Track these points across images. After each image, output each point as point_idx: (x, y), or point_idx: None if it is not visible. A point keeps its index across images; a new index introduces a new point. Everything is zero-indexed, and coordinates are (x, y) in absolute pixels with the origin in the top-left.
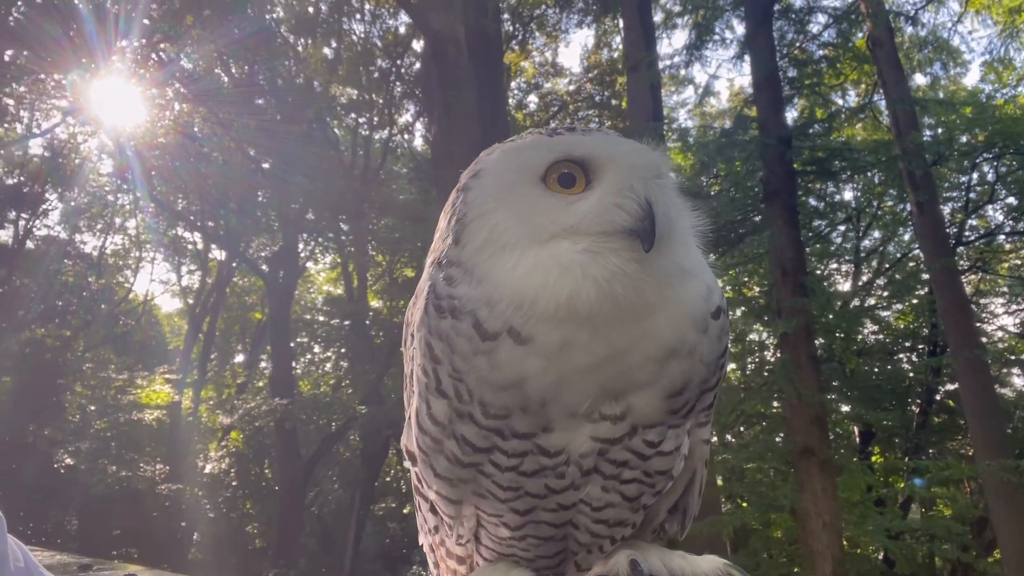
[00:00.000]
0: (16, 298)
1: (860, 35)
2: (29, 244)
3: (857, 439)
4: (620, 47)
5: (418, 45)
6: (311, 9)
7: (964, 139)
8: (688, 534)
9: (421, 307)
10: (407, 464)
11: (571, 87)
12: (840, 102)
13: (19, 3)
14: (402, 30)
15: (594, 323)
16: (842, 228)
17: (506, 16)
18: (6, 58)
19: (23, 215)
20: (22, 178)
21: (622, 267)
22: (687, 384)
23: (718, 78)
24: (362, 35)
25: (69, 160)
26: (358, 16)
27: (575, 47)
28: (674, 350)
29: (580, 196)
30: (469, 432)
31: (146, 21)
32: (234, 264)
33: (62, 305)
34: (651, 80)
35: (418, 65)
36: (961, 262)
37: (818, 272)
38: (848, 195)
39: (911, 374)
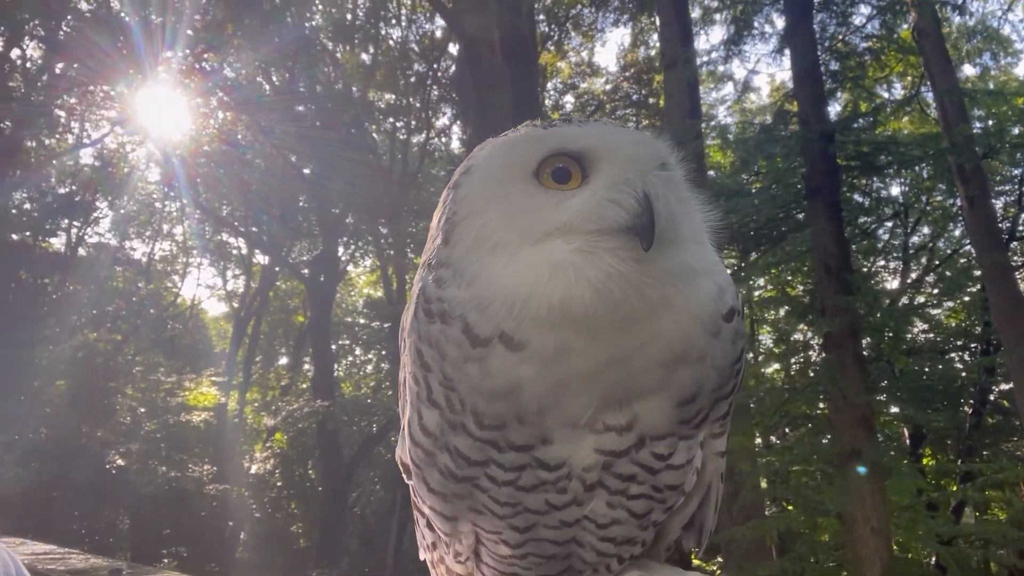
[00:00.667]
0: (69, 304)
1: (905, 26)
2: (81, 251)
3: (907, 441)
4: (657, 45)
5: (454, 49)
6: (348, 16)
7: (1016, 131)
8: (730, 538)
9: (411, 312)
10: (405, 478)
11: (607, 86)
12: (885, 95)
13: (69, 17)
14: (438, 34)
15: (592, 327)
16: (889, 224)
17: (541, 17)
18: (57, 71)
19: (75, 223)
20: (74, 187)
21: (618, 267)
22: (698, 391)
23: (757, 73)
24: (399, 40)
25: (118, 169)
26: (394, 21)
27: (611, 46)
28: (682, 355)
29: (575, 192)
30: (463, 444)
31: (190, 32)
32: (277, 268)
33: (112, 310)
34: (688, 77)
35: (454, 68)
36: (1015, 258)
37: (864, 270)
38: (895, 190)
39: (963, 374)
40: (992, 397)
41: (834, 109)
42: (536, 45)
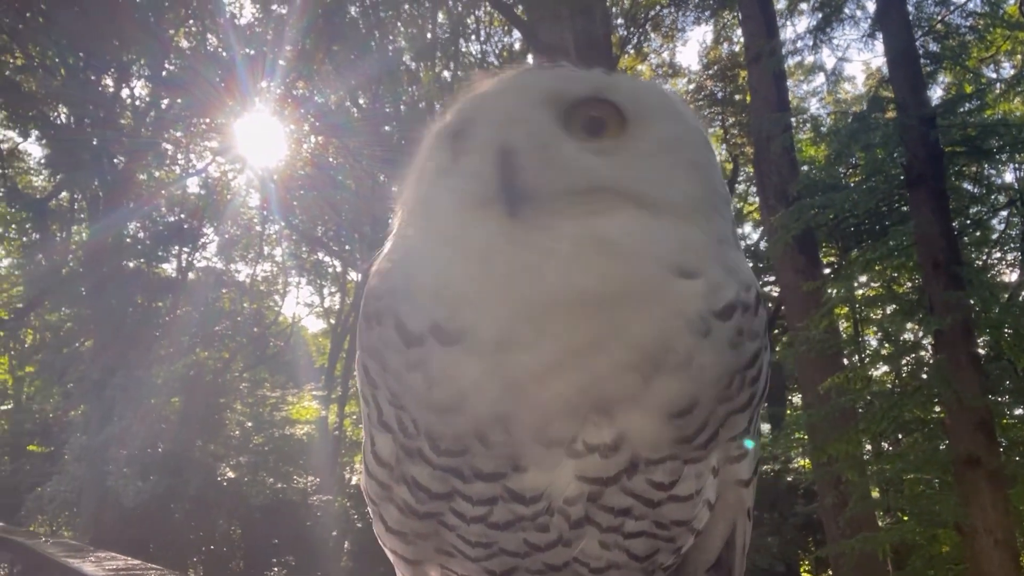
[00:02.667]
0: (180, 325)
1: (1012, 1)
2: (190, 275)
3: None
4: (740, 40)
5: (533, 59)
6: (429, 35)
7: None
8: (839, 552)
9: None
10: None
11: (691, 86)
12: (992, 75)
13: (172, 56)
14: (516, 46)
15: (531, 313)
16: (1004, 214)
17: (620, 21)
18: (163, 106)
19: (184, 249)
20: (182, 215)
21: (492, 240)
22: (693, 402)
23: (849, 61)
24: (478, 55)
25: (221, 196)
26: (473, 37)
27: (692, 44)
28: (656, 359)
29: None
30: (421, 474)
31: (282, 63)
32: None
33: (220, 330)
34: (774, 68)
35: None
36: None
37: (978, 263)
38: (1009, 176)
39: None
40: None
41: (935, 94)
42: (612, 49)
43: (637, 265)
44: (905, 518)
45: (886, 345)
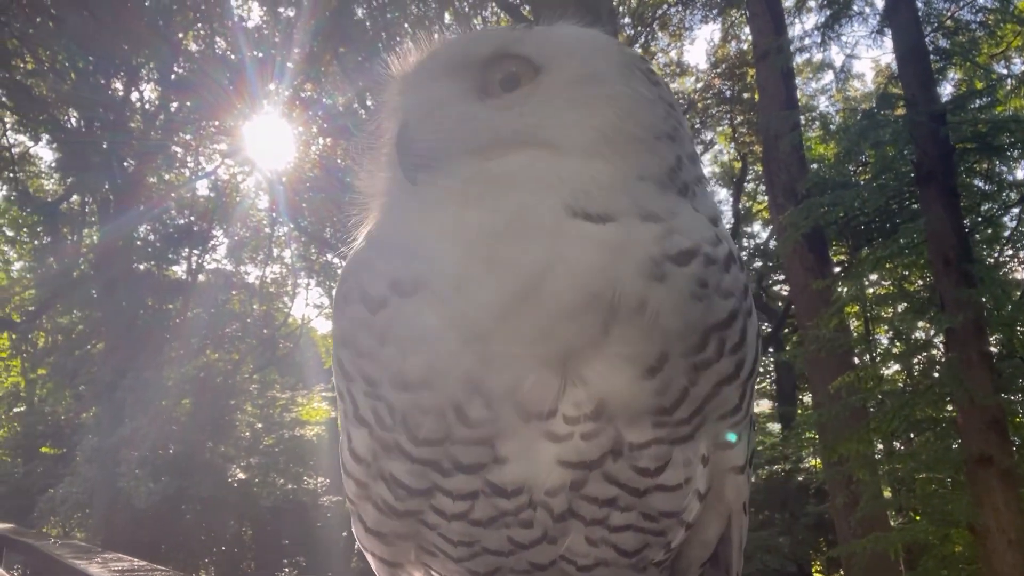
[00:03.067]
0: (190, 327)
1: None
2: (200, 277)
3: None
4: (749, 38)
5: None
6: (436, 36)
7: None
8: (850, 552)
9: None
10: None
11: (699, 84)
12: (1003, 71)
13: (180, 59)
14: None
15: (474, 252)
16: (1016, 211)
17: (627, 20)
18: (172, 109)
19: (194, 251)
20: (192, 217)
21: (401, 183)
22: (661, 357)
23: (858, 58)
24: None
25: (231, 198)
26: None
27: (700, 43)
28: (603, 296)
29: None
30: (400, 469)
31: (290, 65)
32: None
33: (230, 332)
34: (782, 65)
35: None
36: None
37: (989, 261)
38: (1021, 173)
39: None
40: None
41: (945, 90)
42: None
43: (527, 198)
44: (917, 518)
45: (897, 343)
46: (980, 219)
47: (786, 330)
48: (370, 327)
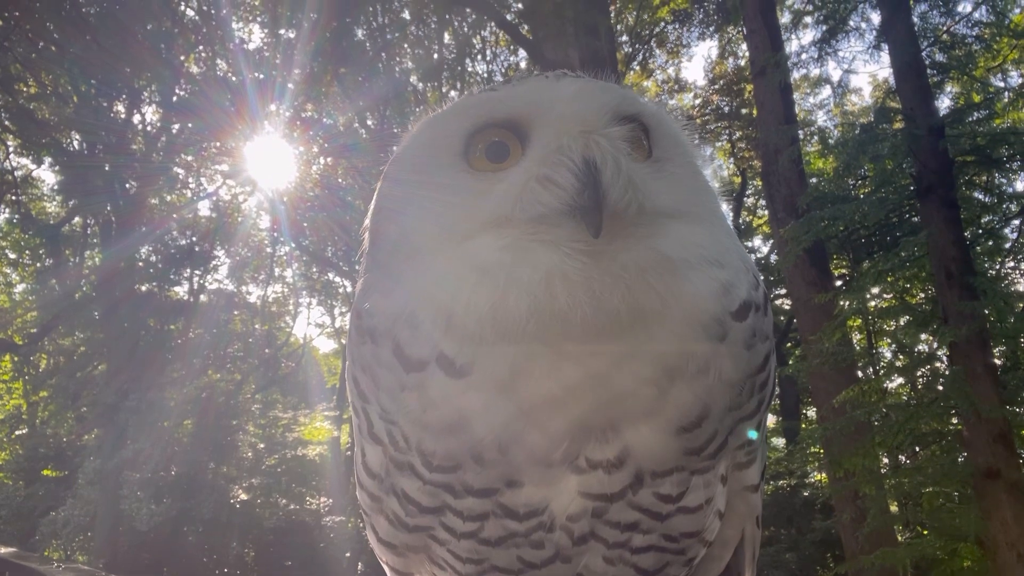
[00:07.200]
0: (192, 347)
1: (1018, 10)
2: (202, 298)
3: None
4: (746, 54)
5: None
6: (436, 56)
7: None
8: (856, 568)
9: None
10: None
11: (697, 101)
12: (1001, 84)
13: (182, 81)
14: (523, 65)
15: (550, 343)
16: (1016, 223)
17: (625, 38)
18: (173, 131)
19: (196, 272)
20: (193, 238)
21: (561, 265)
22: (705, 413)
23: (855, 73)
24: (484, 74)
25: (232, 218)
26: (480, 57)
27: (698, 60)
28: (676, 369)
29: (508, 172)
30: (411, 487)
31: (291, 86)
32: None
33: (232, 352)
34: (779, 80)
35: None
36: None
37: (991, 273)
38: (1020, 186)
39: None
40: None
41: (943, 104)
42: (617, 65)
43: (689, 280)
44: (925, 533)
45: (900, 357)
46: (981, 231)
47: (788, 344)
48: (396, 375)
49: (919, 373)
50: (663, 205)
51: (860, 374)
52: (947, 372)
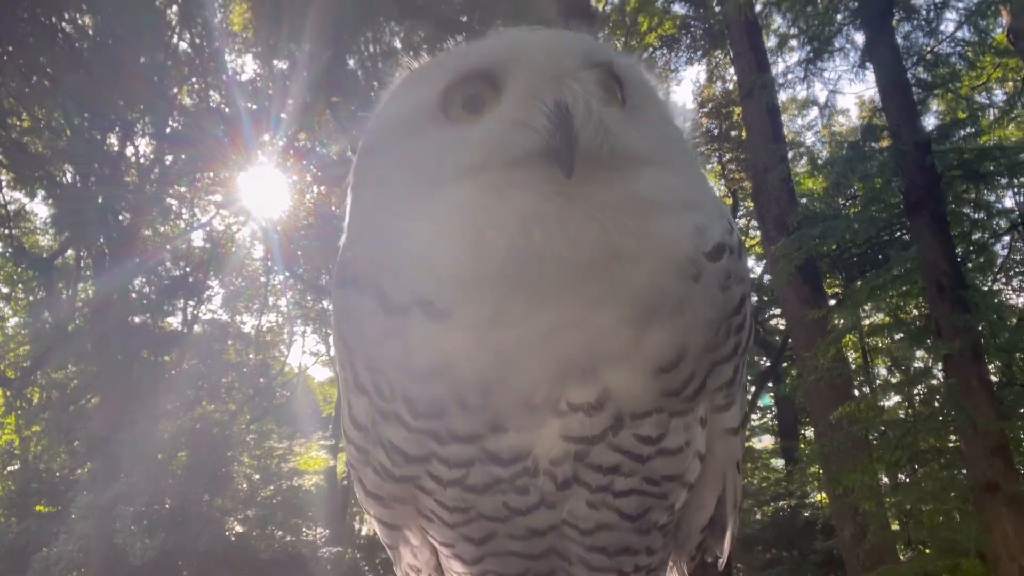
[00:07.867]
0: (186, 378)
1: (999, 29)
2: (196, 328)
3: None
4: (734, 77)
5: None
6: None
7: None
8: None
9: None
10: None
11: (686, 124)
12: (985, 101)
13: (175, 113)
14: None
15: (528, 284)
16: (1007, 239)
17: None
18: (167, 162)
19: (190, 302)
20: (187, 269)
21: (537, 207)
22: (682, 353)
23: (841, 93)
24: None
25: (226, 248)
26: None
27: (686, 84)
28: (653, 308)
29: (485, 120)
30: (397, 436)
31: (284, 116)
32: None
33: (226, 382)
34: (767, 101)
35: None
36: None
37: (984, 288)
38: (1009, 202)
39: None
40: None
41: (929, 122)
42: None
43: (664, 222)
44: (927, 551)
45: (896, 373)
46: (971, 248)
47: (784, 364)
48: (379, 320)
49: (915, 390)
50: (636, 150)
51: (856, 393)
52: (943, 386)
